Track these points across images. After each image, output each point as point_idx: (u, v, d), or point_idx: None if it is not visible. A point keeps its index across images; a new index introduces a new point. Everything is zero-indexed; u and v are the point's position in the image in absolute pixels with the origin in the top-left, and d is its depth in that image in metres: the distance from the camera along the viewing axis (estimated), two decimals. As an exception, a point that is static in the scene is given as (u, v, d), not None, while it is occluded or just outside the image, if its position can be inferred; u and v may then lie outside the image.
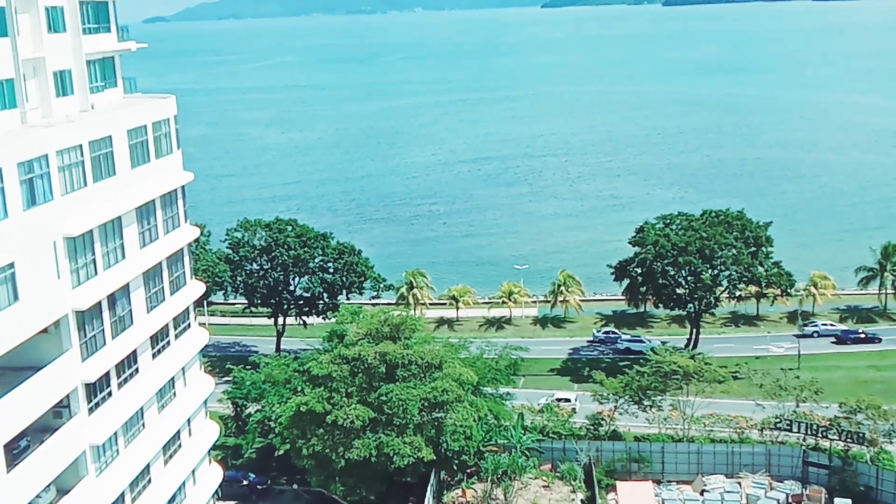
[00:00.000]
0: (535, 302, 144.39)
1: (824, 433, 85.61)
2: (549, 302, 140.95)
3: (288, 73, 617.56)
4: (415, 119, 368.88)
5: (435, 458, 79.62)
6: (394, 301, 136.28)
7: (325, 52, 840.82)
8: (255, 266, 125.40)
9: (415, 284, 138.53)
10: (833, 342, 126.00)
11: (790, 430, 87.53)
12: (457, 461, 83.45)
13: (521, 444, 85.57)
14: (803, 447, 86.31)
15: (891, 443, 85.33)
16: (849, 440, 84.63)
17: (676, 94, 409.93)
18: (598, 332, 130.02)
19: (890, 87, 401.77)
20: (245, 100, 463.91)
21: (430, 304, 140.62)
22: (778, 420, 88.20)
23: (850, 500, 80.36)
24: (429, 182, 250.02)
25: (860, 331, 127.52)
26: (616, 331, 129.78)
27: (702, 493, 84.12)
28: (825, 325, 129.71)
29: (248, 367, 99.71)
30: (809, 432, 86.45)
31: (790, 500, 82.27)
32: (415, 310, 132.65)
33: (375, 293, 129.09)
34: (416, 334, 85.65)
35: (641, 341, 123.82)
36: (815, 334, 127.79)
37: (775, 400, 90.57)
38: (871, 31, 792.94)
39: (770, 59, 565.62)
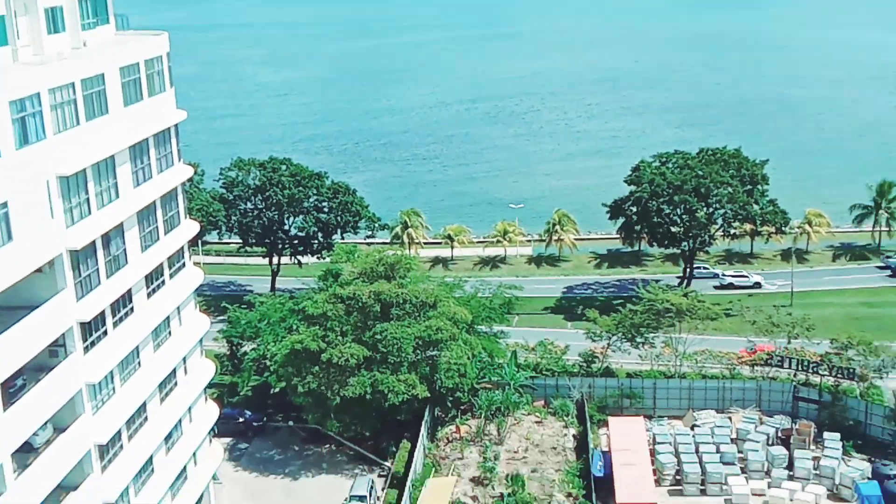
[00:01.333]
0: (529, 241, 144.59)
1: (815, 369, 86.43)
2: (543, 241, 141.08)
3: (282, 10, 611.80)
4: (412, 57, 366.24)
5: (429, 395, 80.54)
6: (388, 240, 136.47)
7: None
8: (249, 205, 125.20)
9: (409, 224, 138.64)
10: (889, 275, 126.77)
11: (781, 366, 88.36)
12: (451, 398, 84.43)
13: (515, 381, 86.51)
14: (794, 383, 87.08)
15: (881, 377, 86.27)
16: (839, 376, 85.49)
17: (676, 31, 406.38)
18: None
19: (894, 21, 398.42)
20: (239, 37, 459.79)
21: (425, 243, 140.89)
22: (769, 356, 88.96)
23: (839, 434, 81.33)
24: (425, 121, 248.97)
25: None
26: (708, 265, 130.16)
27: (692, 428, 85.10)
28: None
29: (243, 306, 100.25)
30: (800, 368, 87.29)
31: (780, 434, 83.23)
32: (409, 249, 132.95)
33: (370, 233, 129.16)
34: (410, 274, 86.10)
35: (745, 276, 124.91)
36: None
37: (767, 336, 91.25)
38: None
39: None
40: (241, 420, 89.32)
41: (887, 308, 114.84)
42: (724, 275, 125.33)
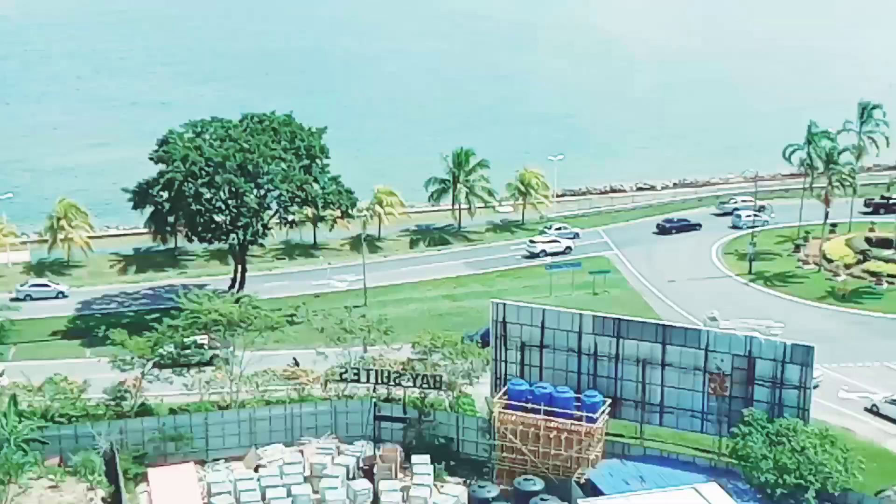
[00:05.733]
0: (25, 243, 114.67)
1: (397, 380, 71.86)
2: (45, 241, 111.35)
3: None
4: None
5: None
6: None
7: None
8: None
9: None
10: (655, 232, 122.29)
11: (358, 381, 72.87)
12: None
13: (15, 434, 63.94)
14: (374, 400, 72.64)
15: (471, 384, 73.77)
16: (425, 386, 71.87)
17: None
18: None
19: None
20: None
21: None
22: (343, 369, 73.39)
23: (429, 456, 68.24)
24: None
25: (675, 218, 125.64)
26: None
27: (257, 469, 68.12)
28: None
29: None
30: (381, 380, 72.21)
31: (362, 464, 68.62)
32: None
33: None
34: None
35: (556, 241, 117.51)
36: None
37: (340, 345, 75.87)
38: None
39: None
40: None
41: (471, 299, 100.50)
42: (531, 242, 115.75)
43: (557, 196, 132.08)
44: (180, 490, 63.81)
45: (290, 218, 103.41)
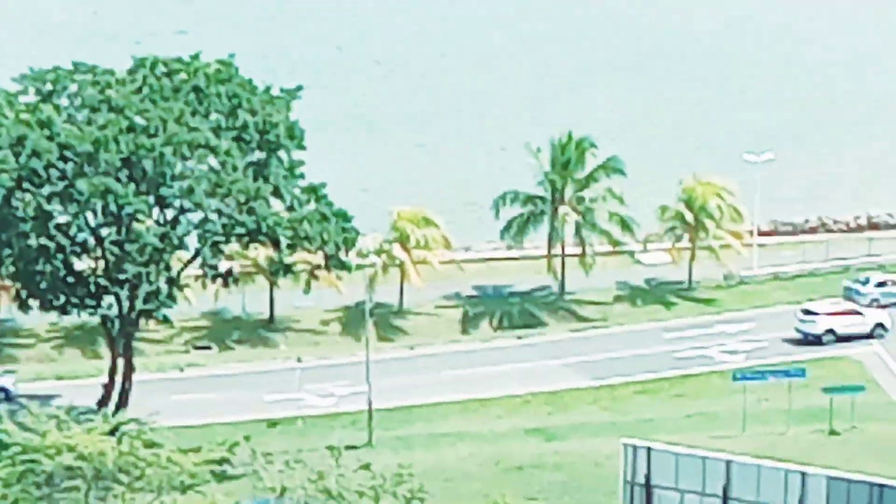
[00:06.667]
0: None
1: None
2: None
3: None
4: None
5: None
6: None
7: None
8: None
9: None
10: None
11: None
12: None
13: None
14: None
15: None
16: None
17: None
18: None
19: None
20: None
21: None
22: None
23: None
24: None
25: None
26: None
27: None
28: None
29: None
30: None
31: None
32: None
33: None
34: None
35: (859, 312, 70.53)
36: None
37: None
38: None
39: None
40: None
41: (584, 437, 59.77)
42: (808, 314, 69.06)
43: (760, 233, 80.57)
44: None
45: (224, 267, 62.58)
